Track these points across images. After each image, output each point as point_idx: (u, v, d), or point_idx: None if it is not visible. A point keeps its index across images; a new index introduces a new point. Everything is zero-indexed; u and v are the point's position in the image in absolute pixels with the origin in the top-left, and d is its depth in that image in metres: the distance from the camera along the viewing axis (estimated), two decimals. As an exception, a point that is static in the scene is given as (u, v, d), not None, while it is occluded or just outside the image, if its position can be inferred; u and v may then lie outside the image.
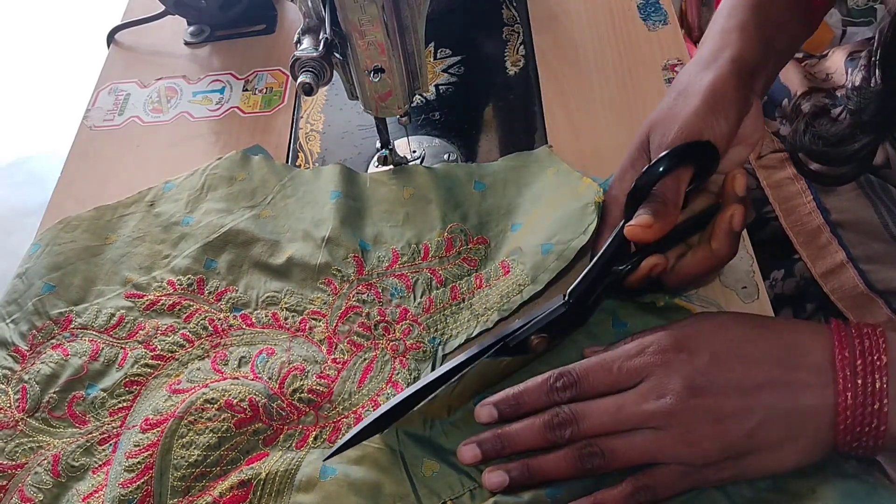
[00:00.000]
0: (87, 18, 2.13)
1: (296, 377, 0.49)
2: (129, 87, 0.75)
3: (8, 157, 1.89)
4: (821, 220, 0.59)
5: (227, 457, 0.46)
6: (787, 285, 0.62)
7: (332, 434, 0.47)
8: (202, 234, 0.58)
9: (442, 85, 0.69)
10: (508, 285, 0.52)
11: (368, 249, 0.56)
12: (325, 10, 0.49)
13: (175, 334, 0.53)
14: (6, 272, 0.58)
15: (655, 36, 0.69)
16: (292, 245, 0.57)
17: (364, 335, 0.52)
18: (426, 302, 0.53)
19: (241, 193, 0.61)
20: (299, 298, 0.54)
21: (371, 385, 0.49)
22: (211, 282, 0.55)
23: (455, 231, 0.56)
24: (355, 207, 0.59)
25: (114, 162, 0.68)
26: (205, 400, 0.47)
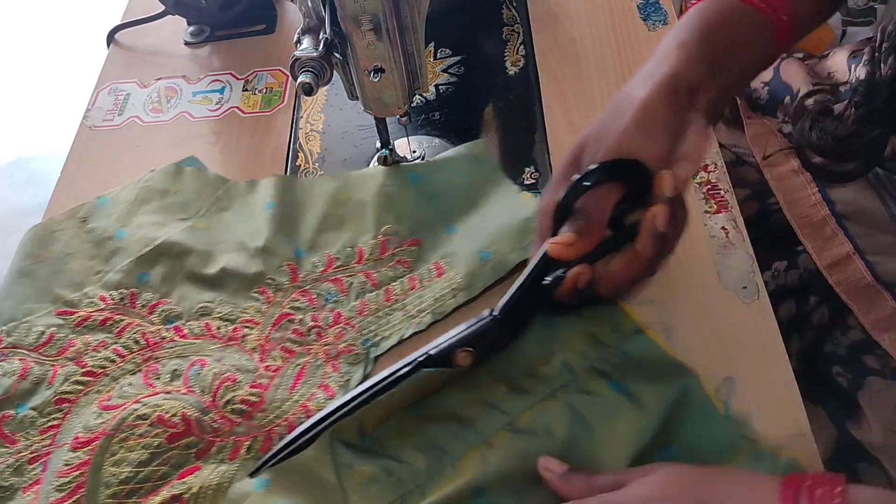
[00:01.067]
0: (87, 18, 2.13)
1: (228, 388, 0.49)
2: (129, 87, 0.75)
3: (8, 157, 1.89)
4: (826, 212, 0.58)
5: (158, 472, 0.46)
6: (790, 276, 0.62)
7: (265, 444, 0.47)
8: (135, 247, 0.57)
9: (442, 85, 0.69)
10: (441, 288, 0.53)
11: (303, 256, 0.57)
12: (325, 10, 0.49)
13: (106, 349, 0.52)
14: (6, 272, 0.58)
15: (655, 36, 0.69)
16: (226, 256, 0.57)
17: (297, 341, 0.52)
18: (360, 305, 0.53)
19: (174, 206, 0.60)
20: (232, 307, 0.54)
21: (302, 390, 0.50)
22: (143, 295, 0.55)
23: (389, 233, 0.56)
24: (291, 215, 0.59)
25: (114, 162, 0.68)
26: (137, 416, 0.47)
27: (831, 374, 0.56)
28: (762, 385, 0.46)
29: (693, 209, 0.55)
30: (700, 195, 0.56)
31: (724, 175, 0.57)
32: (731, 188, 0.57)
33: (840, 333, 0.56)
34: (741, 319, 0.49)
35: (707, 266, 0.52)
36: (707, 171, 0.58)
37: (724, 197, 0.56)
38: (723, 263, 0.53)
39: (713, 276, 0.52)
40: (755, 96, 0.71)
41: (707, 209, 0.55)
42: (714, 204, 0.56)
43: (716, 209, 0.56)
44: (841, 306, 0.56)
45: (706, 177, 0.57)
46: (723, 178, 0.57)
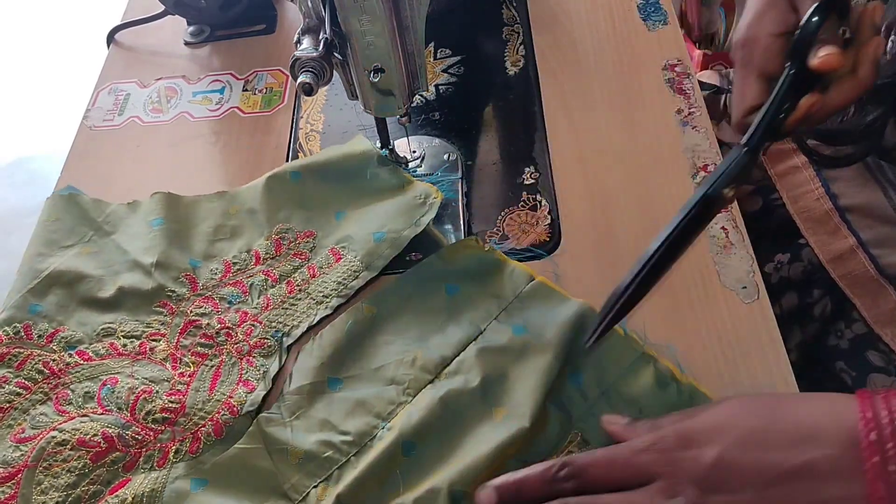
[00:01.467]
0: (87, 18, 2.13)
1: (146, 400, 0.49)
2: (129, 87, 0.75)
3: (8, 157, 1.89)
4: (829, 206, 0.58)
5: (88, 490, 0.46)
6: (793, 269, 0.61)
7: (193, 444, 0.48)
8: (22, 282, 0.56)
9: (442, 85, 0.69)
10: (343, 272, 0.55)
11: (199, 266, 0.57)
12: (325, 10, 0.49)
13: (9, 384, 0.51)
14: (6, 272, 0.58)
15: (655, 36, 0.69)
16: (121, 277, 0.56)
17: (207, 345, 0.52)
18: (264, 301, 0.54)
19: (56, 234, 0.60)
20: (135, 324, 0.54)
21: (222, 389, 0.50)
22: (39, 325, 0.54)
23: (282, 231, 0.58)
24: (181, 230, 0.59)
25: (114, 162, 0.68)
26: (56, 443, 0.47)
27: (835, 370, 0.56)
28: (762, 385, 0.46)
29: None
30: (700, 195, 0.56)
31: (725, 175, 0.57)
32: (732, 188, 0.57)
33: (843, 326, 0.56)
34: (741, 319, 0.49)
35: (707, 266, 0.52)
36: (707, 172, 0.58)
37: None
38: (723, 263, 0.53)
39: (713, 276, 0.52)
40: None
41: None
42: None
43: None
44: (844, 300, 0.56)
45: (706, 177, 0.57)
46: (723, 178, 0.57)
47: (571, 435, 0.45)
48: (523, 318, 0.50)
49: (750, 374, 0.47)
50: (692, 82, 0.64)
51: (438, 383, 0.48)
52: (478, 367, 0.48)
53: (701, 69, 0.99)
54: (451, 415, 0.46)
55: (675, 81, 0.64)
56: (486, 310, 0.51)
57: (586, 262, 0.54)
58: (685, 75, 0.65)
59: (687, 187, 0.57)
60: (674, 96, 0.63)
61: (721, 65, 0.99)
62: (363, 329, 0.52)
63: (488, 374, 0.47)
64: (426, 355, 0.49)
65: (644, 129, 0.61)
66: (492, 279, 0.53)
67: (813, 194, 0.59)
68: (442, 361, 0.49)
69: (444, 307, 0.52)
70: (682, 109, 0.62)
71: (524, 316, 0.50)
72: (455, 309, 0.52)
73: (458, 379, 0.48)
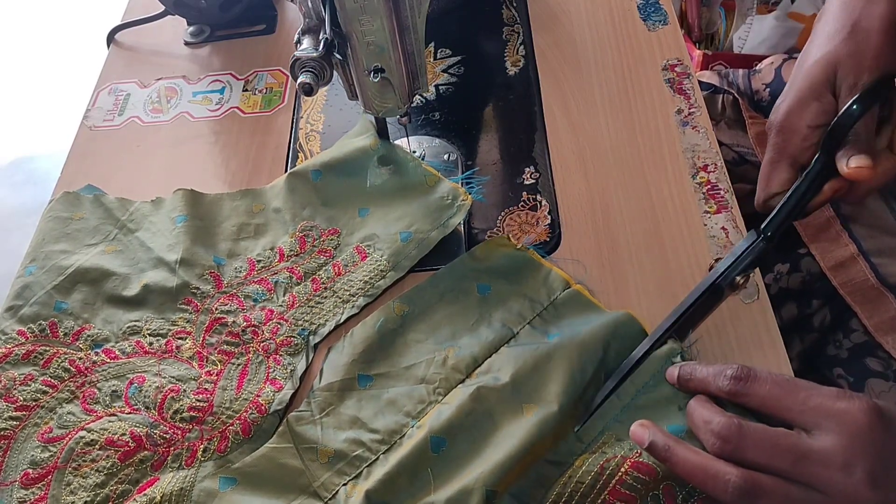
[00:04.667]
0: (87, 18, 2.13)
1: (174, 399, 0.49)
2: (129, 87, 0.75)
3: (8, 157, 1.89)
4: (831, 213, 0.58)
5: (117, 490, 0.46)
6: (792, 280, 0.61)
7: (221, 443, 0.48)
8: (48, 279, 0.56)
9: (442, 85, 0.69)
10: (369, 271, 0.54)
11: (223, 264, 0.57)
12: (325, 10, 0.49)
13: (35, 382, 0.51)
14: (6, 273, 0.58)
15: (655, 36, 0.69)
16: (146, 274, 0.57)
17: (233, 343, 0.52)
18: (289, 299, 0.54)
19: (80, 232, 0.60)
20: (161, 322, 0.54)
21: (249, 388, 0.50)
22: (65, 323, 0.54)
23: (306, 228, 0.58)
24: (204, 227, 0.59)
25: (114, 162, 0.68)
26: (85, 443, 0.47)
27: (832, 375, 0.56)
28: (762, 385, 0.46)
29: (693, 209, 0.55)
30: (700, 195, 0.56)
31: (725, 175, 0.57)
32: (731, 188, 0.57)
33: (842, 336, 0.56)
34: (741, 319, 0.49)
35: (707, 266, 0.52)
36: (707, 172, 0.58)
37: (724, 197, 0.56)
38: (723, 263, 0.52)
39: (713, 276, 0.52)
40: (757, 97, 0.71)
41: (707, 209, 0.55)
42: (714, 204, 0.56)
43: (716, 209, 0.56)
44: (843, 309, 0.56)
45: (706, 177, 0.57)
46: (723, 178, 0.57)
47: (606, 436, 0.44)
48: (558, 326, 0.50)
49: (750, 374, 0.47)
50: (692, 82, 0.64)
51: (469, 382, 0.48)
52: (509, 366, 0.47)
53: (701, 69, 0.99)
54: (481, 412, 0.46)
55: (675, 81, 0.64)
56: (519, 312, 0.51)
57: (586, 261, 0.54)
58: (685, 75, 0.65)
59: (687, 187, 0.57)
60: (674, 96, 0.63)
61: (721, 65, 0.99)
62: (394, 327, 0.51)
63: (519, 372, 0.47)
64: (457, 355, 0.49)
65: (644, 129, 0.61)
66: (525, 279, 0.53)
67: None
68: (473, 362, 0.49)
69: (475, 307, 0.52)
70: (682, 109, 0.62)
71: (559, 325, 0.50)
72: (487, 309, 0.52)
73: (488, 377, 0.47)
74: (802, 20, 1.00)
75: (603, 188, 0.58)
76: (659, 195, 0.57)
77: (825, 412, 0.36)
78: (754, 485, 0.36)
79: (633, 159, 0.60)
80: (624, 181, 0.58)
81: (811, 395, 0.37)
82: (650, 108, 0.63)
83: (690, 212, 0.55)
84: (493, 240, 0.55)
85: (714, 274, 0.46)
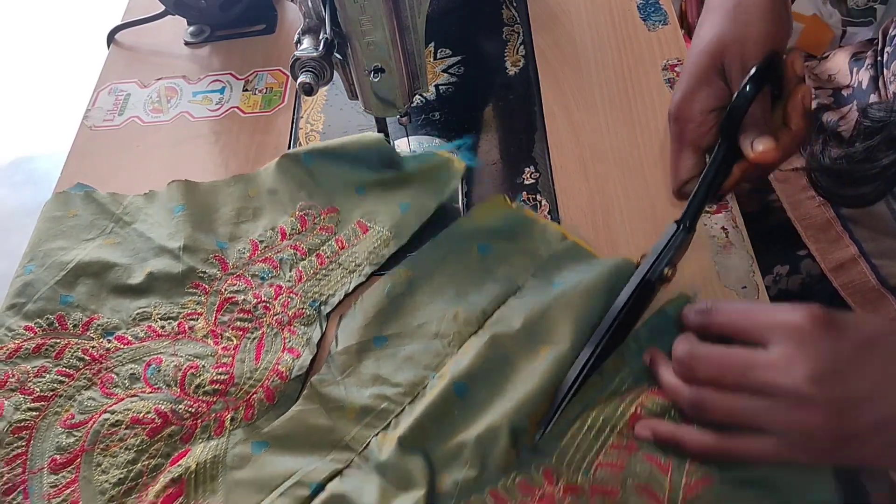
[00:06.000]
0: (87, 18, 2.13)
1: (194, 375, 0.50)
2: (129, 87, 0.75)
3: (8, 157, 1.89)
4: (831, 214, 0.58)
5: (149, 465, 0.46)
6: (791, 282, 0.61)
7: (247, 411, 0.48)
8: (49, 275, 0.56)
9: (442, 85, 0.69)
10: (372, 242, 0.56)
11: (226, 247, 0.57)
12: (325, 10, 0.49)
13: (50, 373, 0.51)
14: (6, 272, 0.58)
15: (655, 36, 0.69)
16: (148, 262, 0.57)
17: (246, 319, 0.53)
18: (296, 274, 0.55)
19: (76, 229, 0.60)
20: (171, 307, 0.54)
21: (268, 357, 0.51)
22: (72, 315, 0.54)
23: (305, 208, 0.58)
24: (203, 214, 0.59)
25: (114, 162, 0.68)
26: (110, 424, 0.48)
27: None
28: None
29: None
30: (700, 195, 0.56)
31: (724, 175, 0.57)
32: (731, 188, 0.57)
33: None
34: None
35: (707, 266, 0.52)
36: (707, 171, 0.58)
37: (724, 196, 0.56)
38: (723, 263, 0.53)
39: (713, 276, 0.52)
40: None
41: (707, 209, 0.55)
42: (714, 204, 0.56)
43: (716, 209, 0.56)
44: (846, 309, 0.56)
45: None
46: (723, 178, 0.57)
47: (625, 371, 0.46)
48: (561, 276, 0.52)
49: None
50: (692, 82, 0.64)
51: (482, 333, 0.49)
52: (519, 314, 0.49)
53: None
54: (498, 356, 0.48)
55: (675, 81, 0.64)
56: (522, 266, 0.53)
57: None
58: (685, 75, 0.65)
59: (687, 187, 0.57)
60: (674, 96, 0.63)
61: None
62: (402, 290, 0.53)
63: (529, 319, 0.49)
64: (467, 310, 0.51)
65: (644, 129, 0.61)
66: (523, 237, 0.55)
67: (814, 201, 0.59)
68: (483, 315, 0.51)
69: (478, 266, 0.54)
70: (682, 109, 0.62)
71: (561, 274, 0.52)
72: (489, 267, 0.53)
73: (500, 326, 0.49)
74: (802, 20, 1.00)
75: (603, 188, 0.58)
76: (659, 195, 0.57)
77: (774, 325, 0.39)
78: (701, 399, 0.40)
79: (633, 159, 0.60)
80: (624, 181, 0.58)
81: (764, 313, 0.40)
82: (650, 108, 0.63)
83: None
84: (487, 201, 0.57)
85: (642, 269, 0.47)
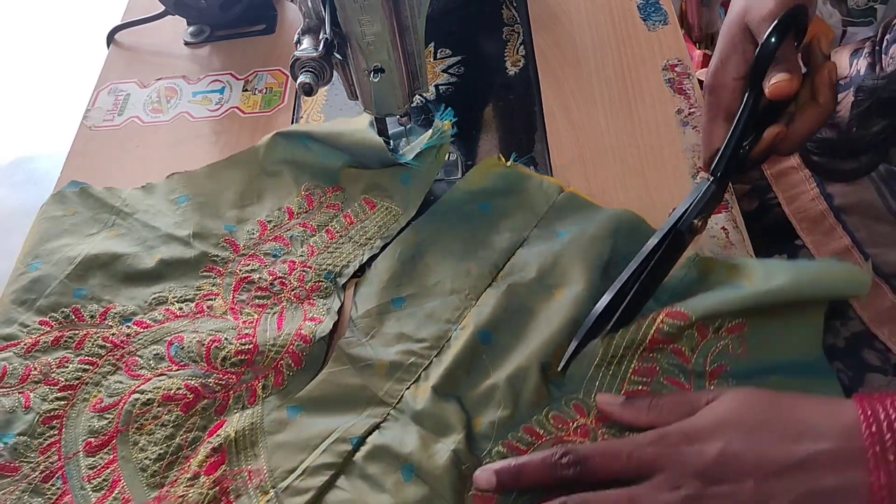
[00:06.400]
0: (87, 18, 2.13)
1: (218, 348, 0.50)
2: (128, 87, 0.75)
3: (8, 157, 1.89)
4: (824, 206, 0.58)
5: (187, 439, 0.47)
6: None
7: (277, 378, 0.49)
8: (57, 270, 0.56)
9: (442, 85, 0.69)
10: (381, 216, 0.57)
11: (235, 230, 0.58)
12: (325, 10, 0.49)
13: (72, 363, 0.51)
14: (6, 272, 0.58)
15: (655, 36, 0.69)
16: (157, 250, 0.57)
17: (264, 296, 0.54)
18: (308, 249, 0.56)
19: (77, 226, 0.60)
20: (186, 290, 0.55)
21: (290, 326, 0.51)
22: (88, 307, 0.54)
23: (311, 188, 0.60)
24: (207, 202, 0.60)
25: (114, 162, 0.68)
26: (141, 404, 0.48)
27: None
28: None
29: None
30: (700, 195, 0.56)
31: (724, 175, 0.57)
32: (731, 188, 0.57)
33: (839, 324, 0.56)
34: (741, 319, 0.49)
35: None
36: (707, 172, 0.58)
37: (724, 197, 0.56)
38: (723, 263, 0.52)
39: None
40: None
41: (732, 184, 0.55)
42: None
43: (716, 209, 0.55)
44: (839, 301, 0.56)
45: (706, 177, 0.57)
46: (723, 178, 0.57)
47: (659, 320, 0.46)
48: (563, 225, 0.54)
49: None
50: (692, 82, 0.64)
51: (497, 284, 0.51)
52: (530, 264, 0.52)
53: (701, 69, 0.99)
54: (517, 304, 0.50)
55: (675, 81, 0.64)
56: (524, 219, 0.55)
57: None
58: (685, 75, 0.65)
59: (687, 187, 0.57)
60: (674, 96, 0.63)
61: (721, 65, 0.99)
62: (413, 253, 0.54)
63: (541, 267, 0.51)
64: (479, 265, 0.53)
65: (644, 129, 0.61)
66: (521, 192, 0.57)
67: (808, 195, 0.59)
68: (494, 268, 0.53)
69: (482, 224, 0.55)
70: (682, 109, 0.62)
71: (564, 223, 0.54)
72: (493, 223, 0.55)
73: (514, 276, 0.51)
74: (802, 20, 1.00)
75: (603, 188, 0.58)
76: (659, 195, 0.57)
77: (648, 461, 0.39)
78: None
79: (633, 159, 0.60)
80: (624, 181, 0.58)
81: (630, 451, 0.39)
82: (650, 108, 0.63)
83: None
84: (483, 162, 0.59)
85: (672, 219, 0.47)
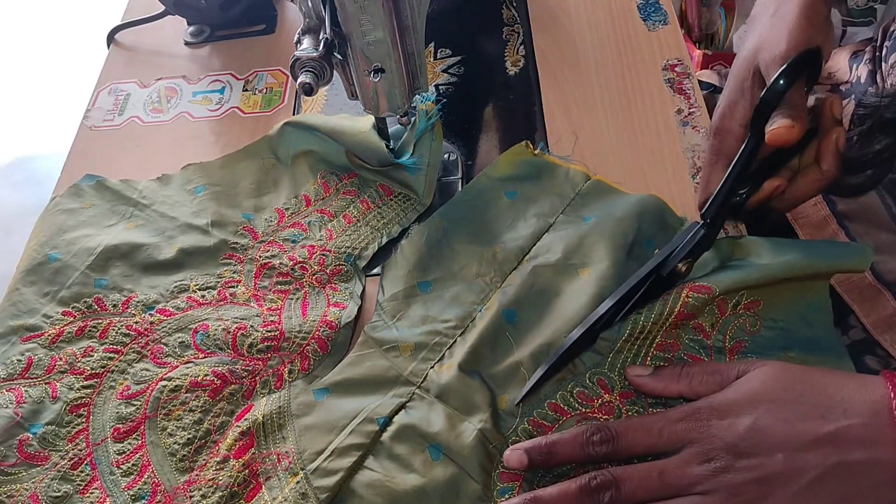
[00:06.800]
0: (87, 18, 2.13)
1: (244, 336, 0.50)
2: (129, 87, 0.75)
3: (8, 157, 1.89)
4: (827, 211, 0.58)
5: (215, 423, 0.47)
6: None
7: (303, 363, 0.50)
8: (77, 261, 0.56)
9: (442, 85, 0.69)
10: (398, 202, 0.58)
11: (253, 218, 0.59)
12: (325, 10, 0.49)
13: (97, 352, 0.51)
14: (6, 273, 0.58)
15: (655, 36, 0.69)
16: (177, 239, 0.57)
17: (286, 282, 0.54)
18: (326, 234, 0.56)
19: (95, 217, 0.60)
20: (207, 278, 0.55)
21: (315, 312, 0.51)
22: (110, 297, 0.54)
23: (327, 175, 0.61)
24: (224, 192, 0.61)
25: (114, 162, 0.68)
26: (169, 390, 0.48)
27: None
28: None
29: (693, 209, 0.55)
30: (700, 195, 0.56)
31: (725, 175, 0.57)
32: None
33: (841, 332, 0.56)
34: (741, 319, 0.49)
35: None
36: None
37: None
38: (723, 263, 0.52)
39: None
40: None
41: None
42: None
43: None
44: (841, 306, 0.56)
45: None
46: (723, 178, 0.57)
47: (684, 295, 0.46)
48: (590, 210, 0.54)
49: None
50: (692, 82, 0.64)
51: (522, 267, 0.52)
52: (556, 247, 0.52)
53: (701, 69, 0.99)
54: (542, 284, 0.50)
55: (675, 81, 0.64)
56: (550, 206, 0.55)
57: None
58: (685, 75, 0.65)
59: (687, 187, 0.57)
60: (674, 96, 0.63)
61: (721, 65, 0.99)
62: (439, 237, 0.55)
63: (567, 248, 0.52)
64: (505, 249, 0.53)
65: (644, 129, 0.61)
66: (547, 180, 0.57)
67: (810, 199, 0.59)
68: (521, 252, 0.53)
69: (508, 210, 0.56)
70: (682, 109, 0.62)
71: (590, 208, 0.55)
72: (519, 209, 0.56)
73: (540, 258, 0.52)
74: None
75: (603, 188, 0.58)
76: (659, 195, 0.57)
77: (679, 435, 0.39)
78: None
79: (633, 159, 0.60)
80: (624, 181, 0.58)
81: (661, 426, 0.40)
82: (650, 108, 0.63)
83: (691, 212, 0.55)
84: (511, 149, 0.59)
85: (656, 260, 0.47)
